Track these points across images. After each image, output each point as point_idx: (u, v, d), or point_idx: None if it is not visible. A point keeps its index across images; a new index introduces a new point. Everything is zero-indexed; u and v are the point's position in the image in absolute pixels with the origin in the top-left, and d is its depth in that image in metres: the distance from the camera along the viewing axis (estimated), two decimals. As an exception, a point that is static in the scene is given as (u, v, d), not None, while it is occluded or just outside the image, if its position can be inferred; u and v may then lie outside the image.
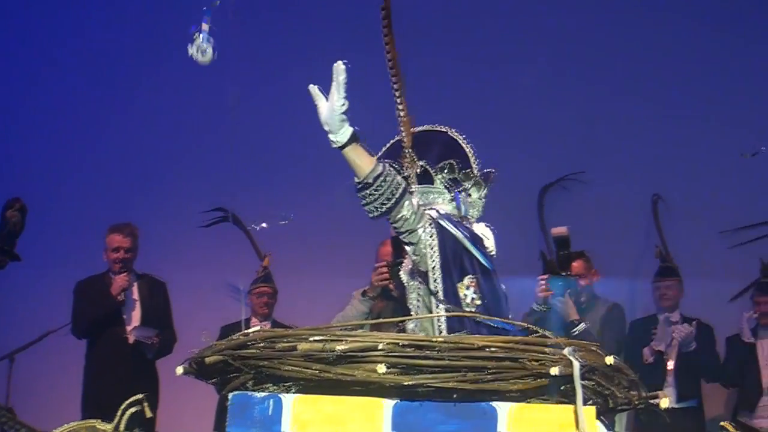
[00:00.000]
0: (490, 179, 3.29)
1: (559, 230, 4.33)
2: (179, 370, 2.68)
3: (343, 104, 2.91)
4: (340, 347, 2.47)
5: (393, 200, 2.97)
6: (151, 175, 7.35)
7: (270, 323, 6.24)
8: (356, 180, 2.98)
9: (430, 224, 3.07)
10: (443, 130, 3.29)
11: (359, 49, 3.30)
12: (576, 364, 2.50)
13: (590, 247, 6.85)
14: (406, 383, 2.47)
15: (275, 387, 2.55)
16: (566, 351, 2.52)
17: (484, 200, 3.28)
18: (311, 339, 2.50)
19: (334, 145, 2.94)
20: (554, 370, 2.49)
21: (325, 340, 2.49)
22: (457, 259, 3.04)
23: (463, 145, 3.26)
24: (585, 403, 2.50)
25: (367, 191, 2.96)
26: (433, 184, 3.20)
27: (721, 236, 6.76)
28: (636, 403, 2.72)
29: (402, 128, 3.17)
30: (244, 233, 6.69)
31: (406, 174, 3.16)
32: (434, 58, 7.10)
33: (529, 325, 2.81)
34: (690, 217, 6.88)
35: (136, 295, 6.12)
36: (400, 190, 2.98)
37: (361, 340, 2.50)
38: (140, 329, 6.00)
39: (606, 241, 6.95)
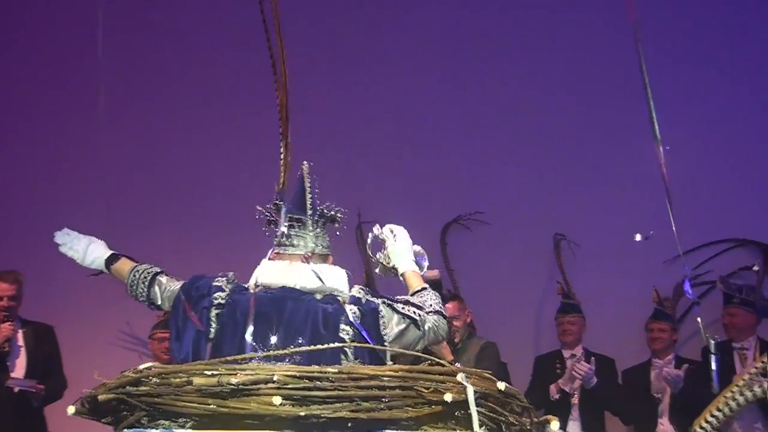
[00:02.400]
0: (329, 215, 3.25)
1: (431, 273, 4.37)
2: (71, 409, 2.65)
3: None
4: (234, 380, 2.47)
5: (144, 296, 3.36)
6: (41, 219, 7.20)
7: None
8: None
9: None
10: (304, 165, 3.28)
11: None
12: (470, 390, 2.54)
13: (495, 285, 6.99)
14: (301, 414, 2.47)
15: (170, 423, 2.53)
16: (459, 377, 2.56)
17: (320, 236, 3.21)
18: (206, 373, 2.50)
19: None
20: (448, 397, 2.52)
21: (219, 374, 2.49)
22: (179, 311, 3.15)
23: (305, 181, 3.23)
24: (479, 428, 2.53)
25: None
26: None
27: (624, 271, 6.91)
28: (528, 428, 2.76)
29: (281, 170, 3.22)
30: None
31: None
32: (332, 98, 7.20)
33: (413, 352, 2.90)
34: (592, 254, 7.02)
35: (21, 342, 6.02)
36: (146, 283, 3.35)
37: (255, 373, 2.50)
38: (18, 380, 5.87)
39: (510, 278, 7.09)
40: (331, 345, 2.84)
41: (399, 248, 3.41)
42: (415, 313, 3.12)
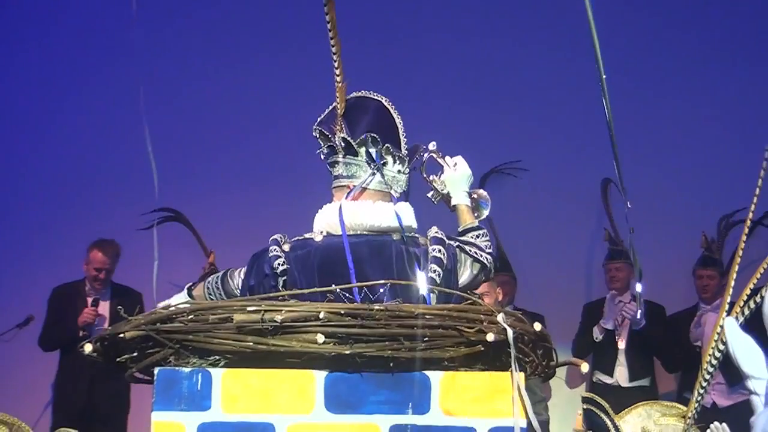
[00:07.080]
0: (418, 152, 3.16)
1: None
2: (88, 347, 2.54)
3: None
4: (279, 317, 2.41)
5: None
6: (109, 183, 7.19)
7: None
8: None
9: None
10: (377, 98, 3.13)
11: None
12: (510, 331, 2.49)
13: (541, 232, 6.88)
14: (346, 352, 2.42)
15: (201, 361, 2.46)
16: (499, 318, 2.51)
17: (407, 174, 3.12)
18: (248, 309, 2.43)
19: None
20: (490, 337, 2.46)
21: (263, 310, 2.42)
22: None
23: (394, 116, 3.10)
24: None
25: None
26: (356, 156, 3.07)
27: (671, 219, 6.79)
28: (548, 370, 2.73)
29: (337, 94, 3.08)
30: (191, 231, 6.69)
31: (336, 143, 3.06)
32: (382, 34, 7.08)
33: (458, 292, 2.80)
34: (641, 201, 6.87)
35: (105, 314, 6.16)
36: (220, 290, 3.12)
37: (301, 310, 2.44)
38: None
39: (558, 226, 6.97)
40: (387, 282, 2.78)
41: (457, 177, 3.25)
42: (484, 257, 3.07)
